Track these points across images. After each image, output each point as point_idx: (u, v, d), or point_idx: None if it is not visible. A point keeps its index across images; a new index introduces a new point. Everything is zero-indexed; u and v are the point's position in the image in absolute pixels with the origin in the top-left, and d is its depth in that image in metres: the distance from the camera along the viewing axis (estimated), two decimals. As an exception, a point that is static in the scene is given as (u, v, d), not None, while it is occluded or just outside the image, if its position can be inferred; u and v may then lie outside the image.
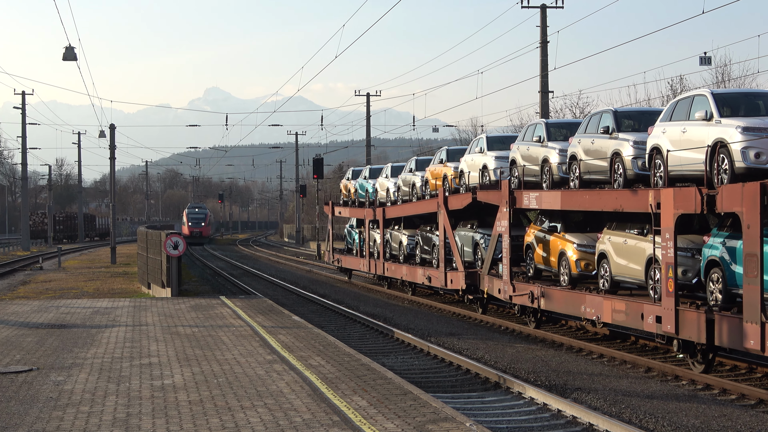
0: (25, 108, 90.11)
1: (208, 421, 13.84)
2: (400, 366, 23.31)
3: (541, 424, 17.27)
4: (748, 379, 21.08)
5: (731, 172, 19.78)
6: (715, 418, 17.35)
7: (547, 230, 29.06)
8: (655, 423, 16.99)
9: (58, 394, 15.98)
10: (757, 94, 22.42)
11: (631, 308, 23.08)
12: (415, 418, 13.93)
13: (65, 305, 32.83)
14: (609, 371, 22.58)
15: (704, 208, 20.05)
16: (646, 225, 23.11)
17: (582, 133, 26.41)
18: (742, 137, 19.67)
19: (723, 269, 20.46)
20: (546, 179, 28.38)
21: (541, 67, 50.80)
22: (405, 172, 44.05)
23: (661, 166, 22.21)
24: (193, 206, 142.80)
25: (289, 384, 16.82)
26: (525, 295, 28.77)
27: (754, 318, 18.50)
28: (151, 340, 22.89)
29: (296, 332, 24.39)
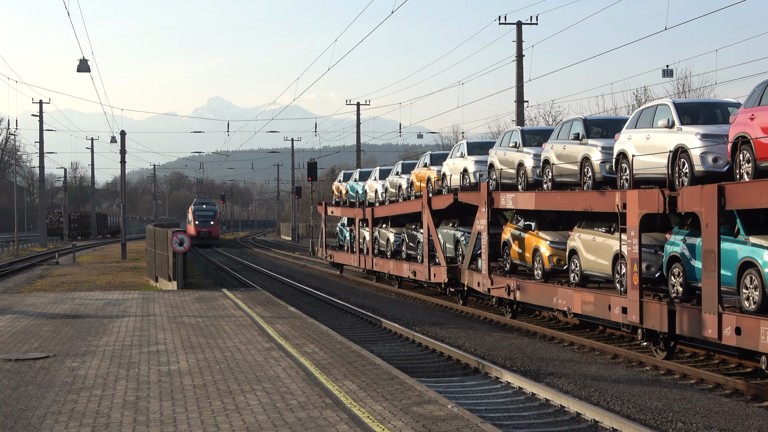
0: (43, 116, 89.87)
1: (211, 403, 13.83)
2: (388, 353, 23.31)
3: (517, 406, 17.28)
4: (707, 365, 21.12)
5: (691, 176, 19.83)
6: (676, 401, 17.38)
7: (523, 228, 29.10)
8: (621, 405, 17.01)
9: (72, 379, 15.95)
10: (715, 103, 22.47)
11: (600, 300, 23.12)
12: (401, 401, 13.93)
13: (79, 297, 32.77)
14: (579, 358, 22.60)
15: (666, 208, 20.09)
16: (613, 224, 23.15)
17: (554, 140, 26.45)
18: (701, 143, 19.73)
19: (683, 264, 20.51)
20: (521, 182, 28.41)
21: (517, 79, 50.83)
22: (392, 175, 44.07)
23: (627, 170, 22.25)
24: (200, 202, 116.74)
25: (285, 369, 16.81)
26: (502, 288, 28.80)
27: (711, 309, 18.55)
28: (159, 329, 22.85)
29: (292, 322, 24.37)
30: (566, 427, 15.59)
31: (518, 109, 51.22)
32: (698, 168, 19.68)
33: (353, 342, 21.47)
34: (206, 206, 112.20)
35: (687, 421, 15.74)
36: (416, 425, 12.27)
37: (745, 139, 18.12)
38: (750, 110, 18.27)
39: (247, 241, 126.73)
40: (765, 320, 17.16)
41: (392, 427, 12.17)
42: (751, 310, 17.99)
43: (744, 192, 17.86)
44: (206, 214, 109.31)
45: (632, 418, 15.75)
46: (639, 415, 16.22)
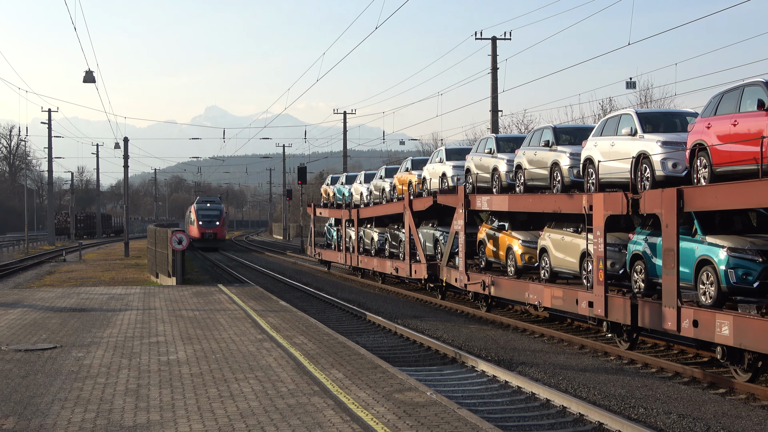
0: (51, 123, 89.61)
1: (207, 390, 13.82)
2: (372, 344, 23.30)
3: (491, 393, 17.31)
4: (666, 355, 21.18)
5: (652, 180, 19.89)
6: (638, 388, 17.44)
7: (497, 228, 29.14)
8: (587, 392, 17.05)
9: (78, 368, 15.91)
10: (675, 113, 22.55)
11: (568, 295, 23.17)
12: (384, 388, 13.94)
13: (85, 292, 32.69)
14: (549, 348, 22.64)
15: (629, 210, 20.14)
16: (580, 224, 23.20)
17: (526, 146, 26.48)
18: (662, 150, 19.78)
19: (645, 262, 20.56)
20: (496, 185, 28.45)
21: (492, 90, 50.88)
22: (376, 179, 44.08)
23: (593, 174, 22.31)
24: (204, 200, 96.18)
25: (276, 359, 16.80)
26: (478, 284, 28.82)
27: (671, 303, 18.61)
28: (159, 322, 22.80)
29: (283, 315, 24.35)
30: (537, 412, 15.62)
31: (493, 117, 51.27)
32: (659, 173, 19.74)
33: (340, 334, 21.46)
34: (210, 205, 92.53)
35: (648, 406, 15.79)
36: (398, 411, 12.28)
37: (702, 146, 18.20)
38: (707, 119, 18.35)
39: (242, 240, 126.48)
40: (720, 313, 17.23)
41: (375, 412, 12.17)
42: (708, 304, 18.06)
43: (701, 195, 17.93)
44: (211, 213, 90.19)
45: (597, 404, 15.79)
46: (604, 401, 16.26)
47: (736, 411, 15.55)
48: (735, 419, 14.93)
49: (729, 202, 17.30)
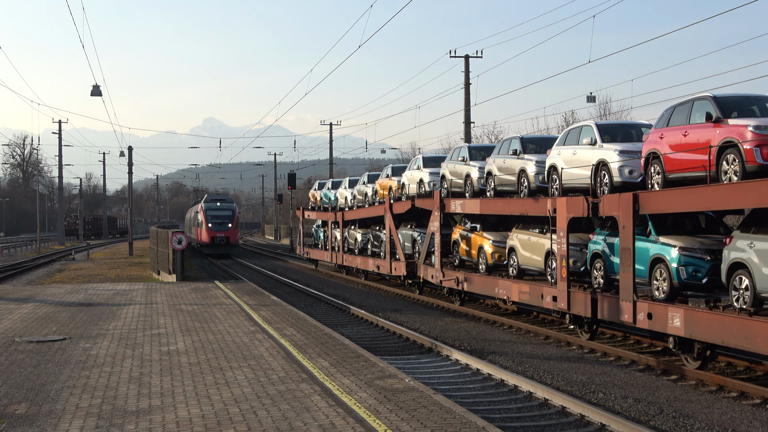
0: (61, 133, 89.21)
1: (204, 378, 13.78)
2: (355, 335, 23.28)
3: (464, 379, 17.32)
4: (623, 345, 21.24)
5: (611, 185, 19.95)
6: (598, 375, 17.48)
7: (469, 230, 29.17)
8: (551, 379, 17.08)
9: (85, 358, 15.84)
10: (631, 125, 22.62)
11: (534, 290, 23.21)
12: (366, 376, 13.93)
13: (92, 288, 32.55)
14: (517, 339, 22.66)
15: (590, 213, 20.20)
16: (545, 226, 23.24)
17: (496, 155, 26.52)
18: (619, 158, 19.85)
19: (604, 260, 20.62)
20: (468, 190, 28.48)
21: (465, 103, 50.95)
22: (359, 184, 44.08)
23: (557, 180, 22.36)
24: (213, 198, 76.73)
25: (268, 349, 16.77)
26: (452, 280, 28.84)
27: (627, 297, 18.67)
28: (160, 315, 22.72)
29: (274, 309, 24.30)
30: (506, 397, 15.64)
31: (466, 129, 51.33)
32: (616, 179, 19.81)
33: (326, 326, 21.44)
34: (221, 204, 73.57)
35: (607, 391, 15.84)
36: (378, 396, 12.28)
37: (656, 154, 18.27)
38: (660, 130, 18.43)
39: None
40: (672, 307, 17.30)
41: (358, 397, 12.16)
42: (661, 298, 18.13)
43: (655, 199, 18.00)
44: (222, 214, 71.42)
45: (561, 390, 15.83)
46: (567, 387, 16.30)
47: (687, 396, 15.61)
48: (686, 403, 14.99)
49: (680, 205, 17.37)
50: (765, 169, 15.27)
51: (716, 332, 16.07)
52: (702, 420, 13.72)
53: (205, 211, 71.19)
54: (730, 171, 15.91)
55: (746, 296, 15.83)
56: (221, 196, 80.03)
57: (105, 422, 10.75)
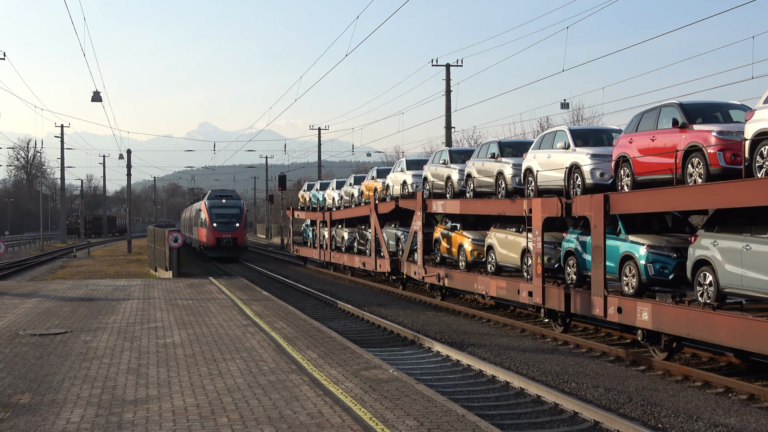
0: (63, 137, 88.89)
1: (199, 369, 13.74)
2: (342, 328, 23.26)
3: (445, 370, 17.33)
4: (595, 337, 21.30)
5: (583, 187, 20.01)
6: (571, 365, 17.52)
7: (450, 229, 29.20)
8: (527, 369, 17.11)
9: (86, 350, 15.77)
10: (602, 130, 22.69)
11: (511, 285, 23.25)
12: (352, 367, 13.92)
13: (93, 284, 32.42)
14: (494, 332, 22.69)
15: (563, 213, 20.25)
16: (521, 225, 23.29)
17: (475, 158, 26.56)
18: (591, 161, 19.91)
19: (577, 257, 20.67)
20: (449, 191, 28.50)
21: (446, 109, 50.97)
22: (346, 186, 44.08)
23: (533, 182, 22.40)
24: (218, 194, 63.15)
25: (259, 342, 16.73)
26: (434, 276, 28.86)
27: (599, 293, 18.73)
28: (157, 310, 22.65)
29: (265, 303, 24.26)
30: (484, 387, 15.65)
31: (447, 133, 51.36)
32: (588, 181, 19.87)
33: (314, 319, 21.41)
34: (227, 201, 60.83)
35: (579, 381, 15.87)
36: (364, 386, 12.28)
37: (626, 158, 18.33)
38: (629, 135, 18.49)
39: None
40: (641, 301, 17.36)
41: (345, 387, 12.15)
42: (630, 293, 18.19)
43: (624, 200, 18.06)
44: (229, 212, 59.22)
45: (536, 380, 15.85)
46: (541, 377, 16.33)
47: (654, 385, 15.67)
48: (653, 392, 15.04)
49: (648, 206, 17.44)
50: (728, 171, 15.35)
51: (682, 325, 16.13)
52: (668, 408, 13.78)
53: (209, 209, 58.70)
54: (695, 173, 15.99)
55: (710, 291, 15.90)
56: (227, 192, 64.00)
57: (104, 411, 10.71)
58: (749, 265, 14.84)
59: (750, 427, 12.54)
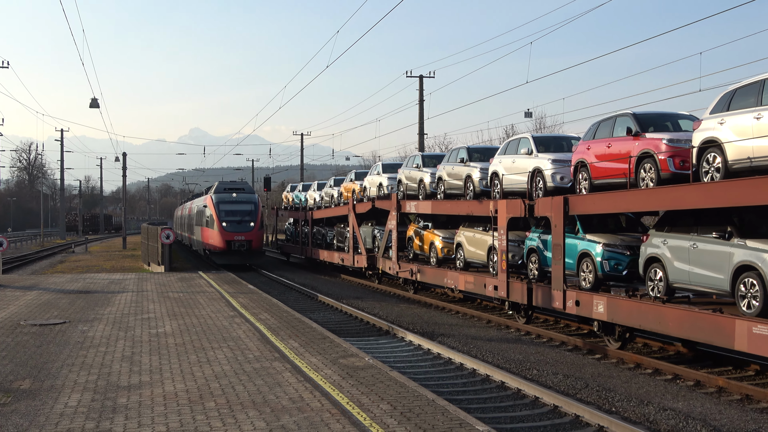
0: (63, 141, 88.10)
1: (188, 356, 13.68)
2: (322, 319, 23.23)
3: (417, 357, 17.35)
4: (555, 328, 21.39)
5: (544, 189, 20.08)
6: (533, 354, 17.59)
7: (422, 227, 29.21)
8: (492, 357, 17.15)
9: (83, 339, 15.66)
10: (562, 137, 22.78)
11: (478, 280, 23.30)
12: (331, 355, 13.91)
13: (90, 277, 32.19)
14: (462, 323, 22.74)
15: (527, 213, 20.31)
16: (488, 224, 23.33)
17: (446, 162, 26.59)
18: (552, 166, 19.98)
19: (539, 254, 20.75)
20: (422, 193, 28.52)
21: (419, 117, 51.02)
22: (327, 187, 43.98)
23: (498, 185, 22.46)
24: (227, 187, 46.79)
25: (245, 332, 16.68)
26: (407, 271, 28.87)
27: (558, 287, 18.81)
28: (150, 302, 22.52)
29: (251, 296, 24.18)
30: (453, 373, 15.68)
31: (420, 139, 51.41)
32: (549, 184, 19.94)
33: (296, 311, 21.37)
34: (239, 195, 45.68)
35: (540, 368, 15.93)
36: (342, 372, 12.27)
37: (584, 163, 18.42)
38: (587, 142, 18.58)
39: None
40: (597, 295, 17.45)
41: (324, 374, 12.14)
42: (587, 288, 18.28)
43: (582, 202, 18.15)
44: (241, 208, 44.40)
45: (500, 367, 15.90)
46: (505, 364, 16.38)
47: (609, 372, 15.76)
48: (608, 378, 15.12)
49: (604, 207, 17.53)
50: (677, 176, 15.47)
51: (634, 317, 16.23)
52: (622, 393, 13.86)
53: (216, 204, 43.89)
54: (647, 178, 16.09)
55: (660, 286, 16.02)
56: (238, 184, 48.77)
57: (100, 396, 10.64)
58: (696, 262, 14.96)
59: (696, 411, 12.65)
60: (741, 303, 13.78)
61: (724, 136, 13.98)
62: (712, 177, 14.27)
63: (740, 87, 14.12)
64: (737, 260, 13.85)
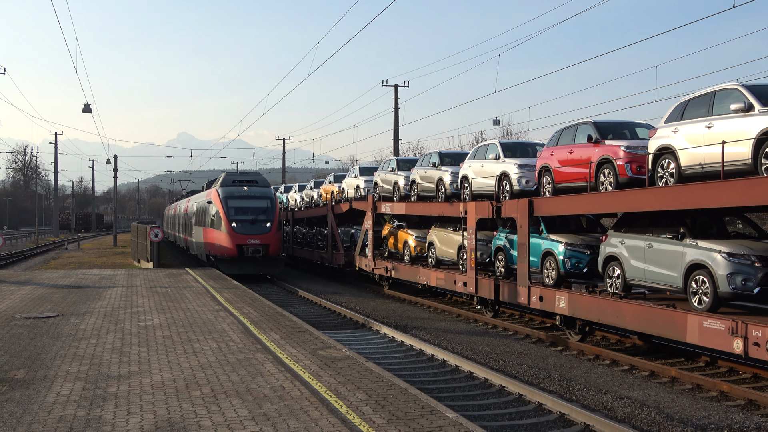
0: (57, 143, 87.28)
1: (175, 348, 13.59)
2: (302, 313, 23.19)
3: (391, 349, 17.36)
4: (520, 322, 21.48)
5: (511, 192, 20.17)
6: (499, 346, 17.65)
7: (397, 227, 29.24)
8: (462, 349, 17.20)
9: (75, 331, 15.52)
10: (528, 143, 22.91)
11: (449, 277, 23.35)
12: (311, 346, 13.87)
13: (82, 273, 31.89)
14: (434, 317, 22.77)
15: (494, 214, 20.39)
16: (458, 224, 23.40)
17: (419, 166, 26.63)
18: (518, 170, 20.07)
19: (505, 253, 20.83)
20: (396, 195, 28.54)
21: (394, 124, 51.03)
22: (307, 189, 43.97)
23: (468, 188, 22.52)
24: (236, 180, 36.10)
25: (229, 325, 16.60)
26: (382, 268, 28.88)
27: (523, 283, 18.89)
28: (139, 296, 22.35)
29: (235, 291, 24.06)
30: (424, 364, 15.71)
31: (395, 144, 51.42)
32: (516, 187, 20.03)
33: (278, 306, 21.29)
34: (250, 188, 35.43)
35: (506, 359, 16.00)
36: (320, 363, 12.24)
37: (547, 168, 18.51)
38: (550, 149, 18.67)
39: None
40: (559, 291, 17.55)
41: (304, 364, 12.11)
42: (550, 284, 18.38)
43: (546, 204, 18.24)
44: (255, 205, 34.49)
45: (469, 358, 15.95)
46: (474, 356, 16.42)
47: (570, 363, 15.85)
48: (569, 369, 15.21)
49: (566, 209, 17.63)
50: (634, 181, 15.60)
51: (594, 312, 16.34)
52: (582, 382, 13.94)
53: (224, 200, 34.33)
54: (606, 182, 16.20)
55: (618, 283, 16.14)
56: (249, 175, 37.86)
57: (91, 385, 10.55)
58: (651, 261, 15.09)
59: (650, 399, 12.75)
60: (692, 299, 13.92)
61: (677, 143, 14.12)
62: (666, 182, 14.40)
63: (693, 98, 14.26)
64: (689, 259, 13.99)
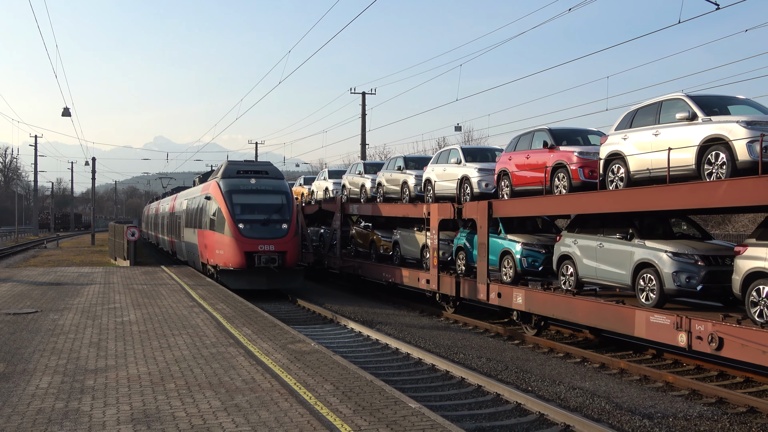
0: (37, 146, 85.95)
1: (151, 342, 13.47)
2: (273, 309, 23.09)
3: (358, 343, 17.36)
4: (479, 317, 21.58)
5: (471, 195, 20.26)
6: (460, 340, 17.73)
7: (364, 228, 29.24)
8: (425, 343, 17.25)
9: (54, 327, 15.31)
10: (488, 149, 23.01)
11: (413, 274, 23.38)
12: (281, 341, 13.84)
13: (61, 271, 31.46)
14: (398, 312, 22.81)
15: (456, 215, 20.47)
16: (421, 225, 23.46)
17: (385, 170, 26.64)
18: (478, 174, 20.17)
19: (466, 252, 20.92)
20: (363, 197, 28.52)
21: (362, 129, 51.03)
22: (278, 191, 43.70)
23: (431, 190, 22.59)
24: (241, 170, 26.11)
25: (203, 320, 16.49)
26: (350, 267, 28.85)
27: (483, 281, 18.99)
28: (116, 293, 22.11)
29: (208, 288, 23.89)
30: (390, 357, 15.73)
31: (362, 149, 51.43)
32: (476, 190, 20.13)
33: (250, 302, 21.19)
34: (258, 181, 25.85)
35: (466, 353, 16.07)
36: (290, 356, 12.22)
37: (505, 172, 18.64)
38: (508, 154, 18.80)
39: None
40: (516, 288, 17.66)
41: (274, 358, 12.08)
42: (508, 281, 18.49)
43: (504, 206, 18.36)
44: (267, 201, 25.10)
45: (431, 351, 16.00)
46: (436, 349, 16.48)
47: (526, 356, 15.97)
48: (525, 361, 15.33)
49: (523, 211, 17.76)
50: (586, 184, 15.76)
51: (548, 307, 16.48)
52: (537, 374, 14.06)
53: (227, 194, 25.80)
54: (561, 185, 16.36)
55: (571, 281, 16.30)
56: (257, 165, 27.98)
57: (69, 378, 10.42)
58: (602, 260, 15.27)
59: (601, 390, 12.90)
60: (640, 295, 14.11)
61: (627, 149, 14.30)
62: (616, 185, 14.58)
63: (641, 107, 14.46)
64: (637, 258, 14.17)
